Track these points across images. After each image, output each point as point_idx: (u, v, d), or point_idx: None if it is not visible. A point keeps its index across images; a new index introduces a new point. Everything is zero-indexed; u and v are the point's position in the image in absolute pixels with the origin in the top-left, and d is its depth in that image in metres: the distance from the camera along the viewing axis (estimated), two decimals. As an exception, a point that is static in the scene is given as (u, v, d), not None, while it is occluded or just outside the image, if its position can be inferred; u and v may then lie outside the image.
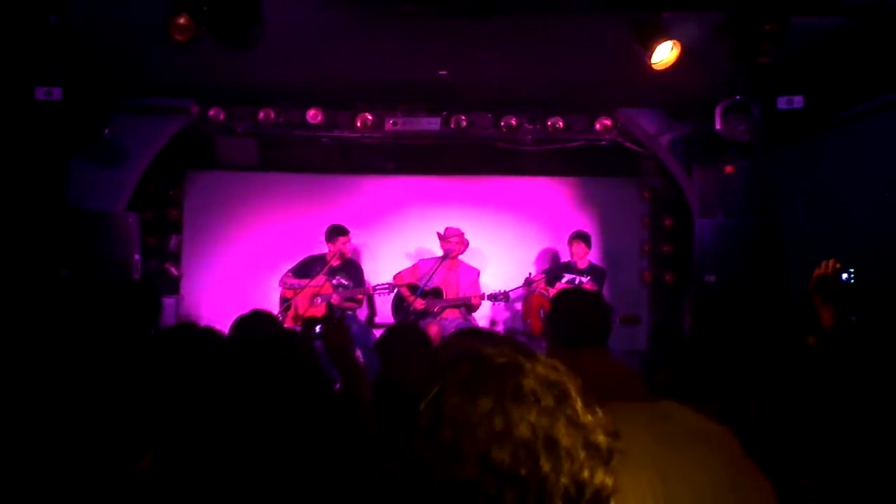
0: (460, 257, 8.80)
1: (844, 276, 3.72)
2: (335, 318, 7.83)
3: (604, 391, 2.62)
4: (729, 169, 7.99)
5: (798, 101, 7.19)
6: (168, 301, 8.95)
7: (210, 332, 2.95)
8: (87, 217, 7.95)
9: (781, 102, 7.19)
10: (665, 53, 5.53)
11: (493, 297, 8.49)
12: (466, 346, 1.31)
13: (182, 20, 5.03)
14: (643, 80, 5.78)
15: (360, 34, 6.37)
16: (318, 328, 7.62)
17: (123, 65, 7.23)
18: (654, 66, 5.55)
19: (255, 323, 4.47)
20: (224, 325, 4.44)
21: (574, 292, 4.52)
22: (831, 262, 3.80)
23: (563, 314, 3.81)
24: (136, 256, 8.22)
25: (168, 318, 8.88)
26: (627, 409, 2.22)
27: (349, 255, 8.92)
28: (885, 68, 6.34)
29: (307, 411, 1.95)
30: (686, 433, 1.94)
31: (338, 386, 3.88)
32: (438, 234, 8.76)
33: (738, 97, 7.38)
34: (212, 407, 1.94)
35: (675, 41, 5.50)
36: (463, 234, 8.70)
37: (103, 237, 7.95)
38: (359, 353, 8.46)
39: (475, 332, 1.15)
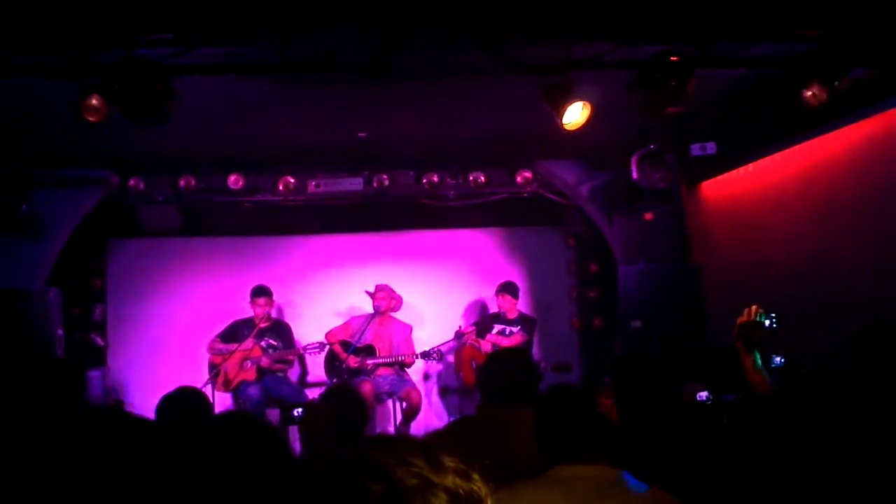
0: (394, 314, 8.80)
1: (767, 322, 3.78)
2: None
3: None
4: (648, 216, 8.14)
5: (711, 146, 7.35)
6: (94, 373, 8.76)
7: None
8: (5, 296, 7.78)
9: (695, 149, 7.36)
10: (576, 115, 5.58)
11: (427, 356, 8.47)
12: (376, 460, 1.31)
13: (94, 101, 4.98)
14: (559, 133, 5.86)
15: (275, 102, 6.41)
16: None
17: (37, 141, 7.13)
18: (566, 127, 5.60)
19: (182, 402, 4.37)
20: (152, 397, 4.34)
21: (501, 354, 4.71)
22: (753, 309, 3.79)
23: (492, 376, 4.05)
24: (59, 331, 8.05)
25: (95, 389, 8.69)
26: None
27: (276, 316, 8.86)
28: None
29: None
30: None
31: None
32: (367, 292, 8.74)
33: (652, 146, 7.51)
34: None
35: (585, 102, 5.54)
36: (391, 289, 8.71)
37: (23, 315, 7.80)
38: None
39: (384, 443, 1.16)
